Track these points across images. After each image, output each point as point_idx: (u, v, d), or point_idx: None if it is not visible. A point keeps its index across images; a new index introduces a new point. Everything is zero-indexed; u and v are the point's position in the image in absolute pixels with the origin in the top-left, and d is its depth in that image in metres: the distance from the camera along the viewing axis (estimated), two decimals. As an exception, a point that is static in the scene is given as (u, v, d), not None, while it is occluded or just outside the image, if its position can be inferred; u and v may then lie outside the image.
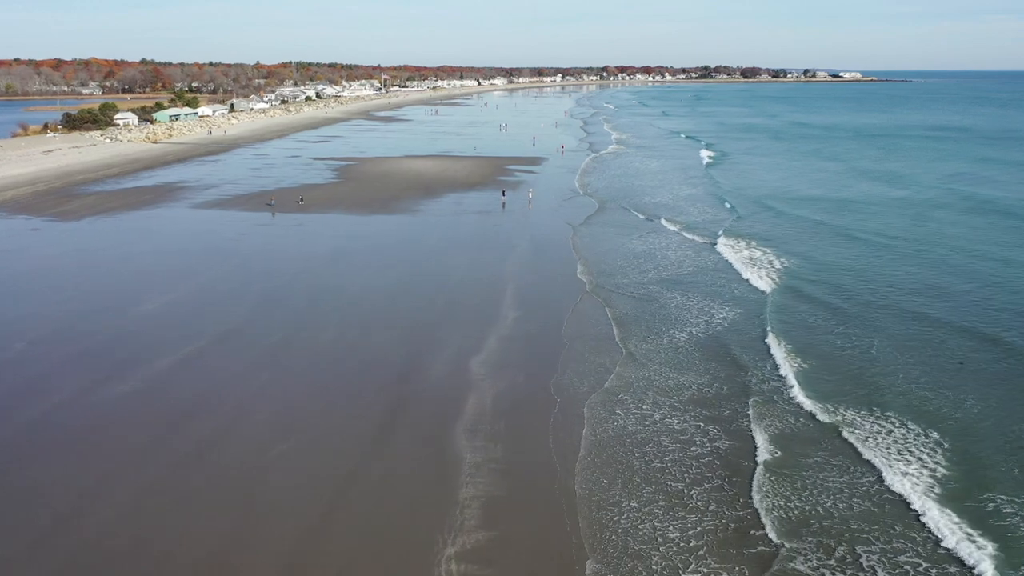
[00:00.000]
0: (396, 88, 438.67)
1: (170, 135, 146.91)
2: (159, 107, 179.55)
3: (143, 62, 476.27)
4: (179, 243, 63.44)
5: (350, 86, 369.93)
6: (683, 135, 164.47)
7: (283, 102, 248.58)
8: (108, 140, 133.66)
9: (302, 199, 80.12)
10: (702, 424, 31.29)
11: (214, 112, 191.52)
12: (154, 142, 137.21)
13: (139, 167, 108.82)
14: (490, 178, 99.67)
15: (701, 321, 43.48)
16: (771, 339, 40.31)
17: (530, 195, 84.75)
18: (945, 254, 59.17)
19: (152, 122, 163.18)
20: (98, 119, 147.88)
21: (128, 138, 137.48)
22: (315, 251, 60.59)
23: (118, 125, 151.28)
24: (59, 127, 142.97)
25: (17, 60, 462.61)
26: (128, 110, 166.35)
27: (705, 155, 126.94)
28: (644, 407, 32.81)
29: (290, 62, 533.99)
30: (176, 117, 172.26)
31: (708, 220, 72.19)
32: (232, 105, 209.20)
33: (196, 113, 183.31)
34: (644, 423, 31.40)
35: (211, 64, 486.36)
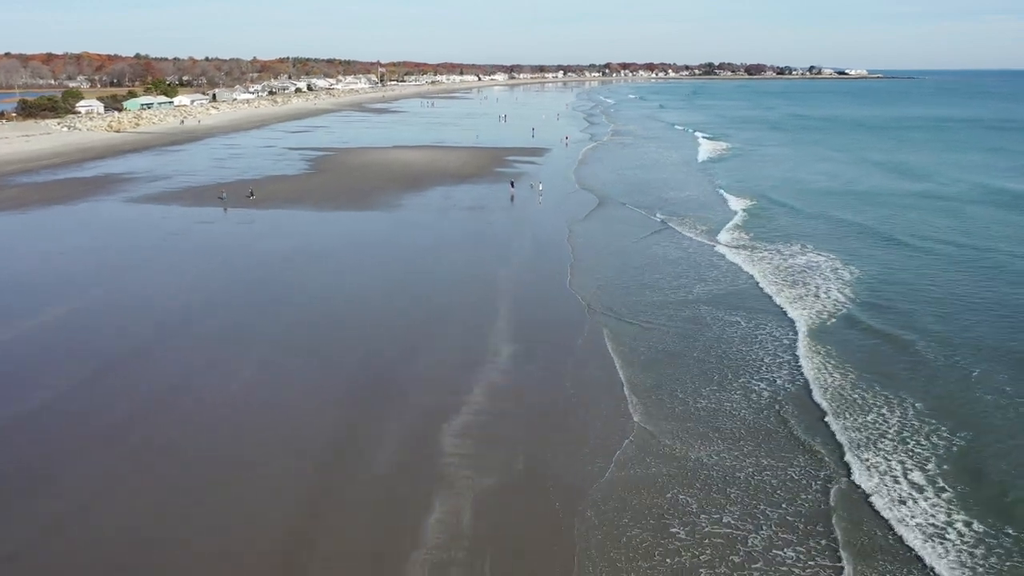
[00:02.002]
0: (394, 83, 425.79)
1: (137, 124, 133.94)
2: (132, 95, 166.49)
3: (137, 57, 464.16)
4: (87, 245, 50.45)
5: (344, 80, 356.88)
6: (684, 128, 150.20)
7: (271, 93, 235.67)
8: (65, 128, 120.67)
9: (252, 193, 67.06)
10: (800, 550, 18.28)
11: (192, 102, 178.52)
12: (117, 131, 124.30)
13: (89, 156, 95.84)
14: (487, 170, 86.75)
15: (730, 370, 30.10)
16: (828, 401, 27.23)
17: (539, 188, 72.08)
18: (1007, 261, 46.98)
19: (121, 111, 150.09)
20: (58, 107, 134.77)
21: (88, 126, 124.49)
22: (256, 259, 47.56)
23: (79, 113, 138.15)
24: (14, 115, 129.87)
25: (8, 55, 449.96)
26: (96, 98, 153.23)
27: (707, 147, 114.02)
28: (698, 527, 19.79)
29: (287, 58, 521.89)
30: (148, 106, 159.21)
31: (716, 219, 58.97)
32: (214, 95, 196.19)
33: (172, 102, 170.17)
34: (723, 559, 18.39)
35: (207, 60, 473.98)
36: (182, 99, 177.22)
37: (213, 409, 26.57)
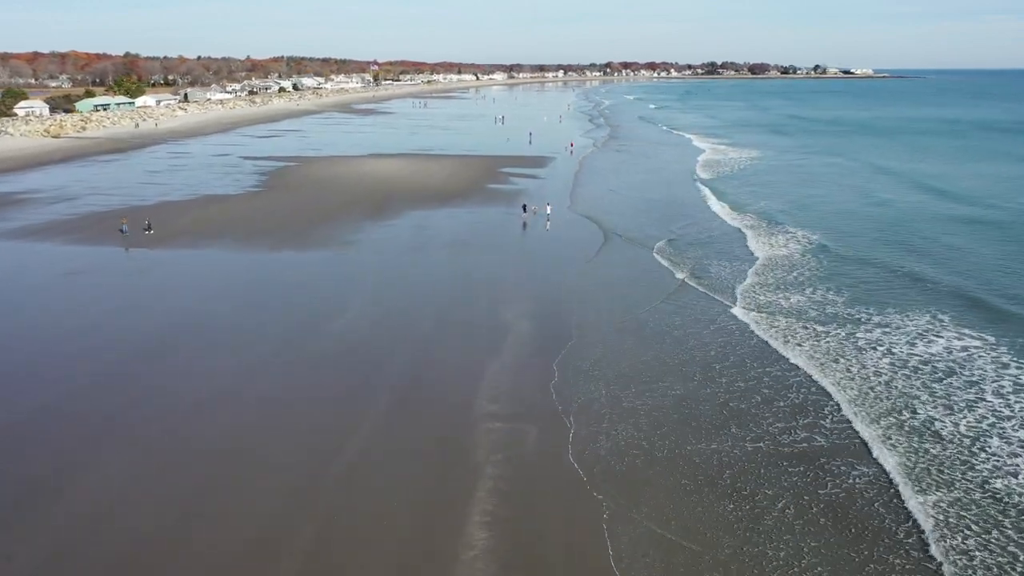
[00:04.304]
0: (388, 82, 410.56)
1: (83, 128, 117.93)
2: (89, 95, 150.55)
3: (126, 56, 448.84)
4: None
5: (335, 79, 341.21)
6: (681, 133, 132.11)
7: (250, 93, 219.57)
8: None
9: (150, 226, 50.95)
10: None
11: (158, 102, 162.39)
12: (55, 136, 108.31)
13: (0, 169, 79.83)
14: (477, 185, 70.90)
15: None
16: None
17: (548, 211, 56.65)
18: None
19: (71, 112, 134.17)
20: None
21: (22, 131, 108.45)
22: (97, 353, 31.58)
23: (16, 116, 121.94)
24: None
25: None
26: (45, 99, 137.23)
27: (708, 156, 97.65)
28: None
29: (281, 57, 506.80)
30: (105, 107, 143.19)
31: (739, 266, 43.67)
32: (185, 95, 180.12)
33: (133, 103, 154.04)
34: None
35: (199, 58, 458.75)
36: (146, 99, 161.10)
37: None
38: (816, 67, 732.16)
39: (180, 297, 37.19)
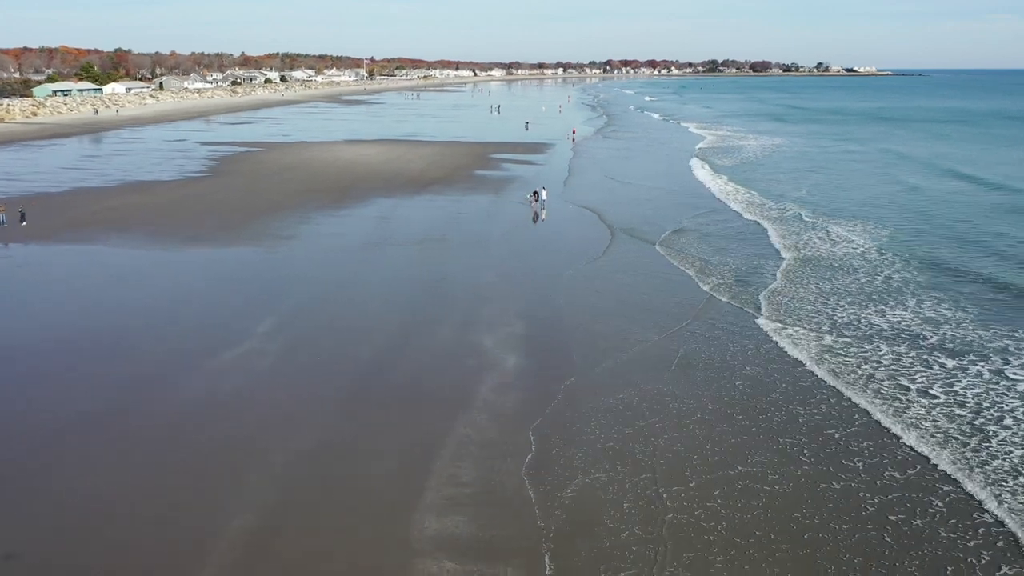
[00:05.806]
0: (383, 77, 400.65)
1: (34, 113, 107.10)
2: (51, 80, 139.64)
3: (117, 51, 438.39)
4: None
5: (327, 73, 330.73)
6: (679, 122, 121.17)
7: (233, 83, 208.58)
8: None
9: (23, 216, 39.76)
10: None
11: (128, 90, 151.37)
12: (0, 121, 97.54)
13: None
14: (462, 172, 59.96)
15: None
16: None
17: (543, 196, 46.16)
18: None
19: (28, 97, 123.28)
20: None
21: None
22: None
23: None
24: None
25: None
26: (10, 84, 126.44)
27: (708, 143, 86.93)
28: None
29: (277, 53, 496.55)
30: (66, 93, 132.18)
31: (767, 271, 33.17)
32: (160, 84, 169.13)
33: (100, 90, 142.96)
34: None
35: (193, 54, 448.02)
36: (115, 87, 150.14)
37: None
38: (819, 65, 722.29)
39: (23, 310, 26.15)
